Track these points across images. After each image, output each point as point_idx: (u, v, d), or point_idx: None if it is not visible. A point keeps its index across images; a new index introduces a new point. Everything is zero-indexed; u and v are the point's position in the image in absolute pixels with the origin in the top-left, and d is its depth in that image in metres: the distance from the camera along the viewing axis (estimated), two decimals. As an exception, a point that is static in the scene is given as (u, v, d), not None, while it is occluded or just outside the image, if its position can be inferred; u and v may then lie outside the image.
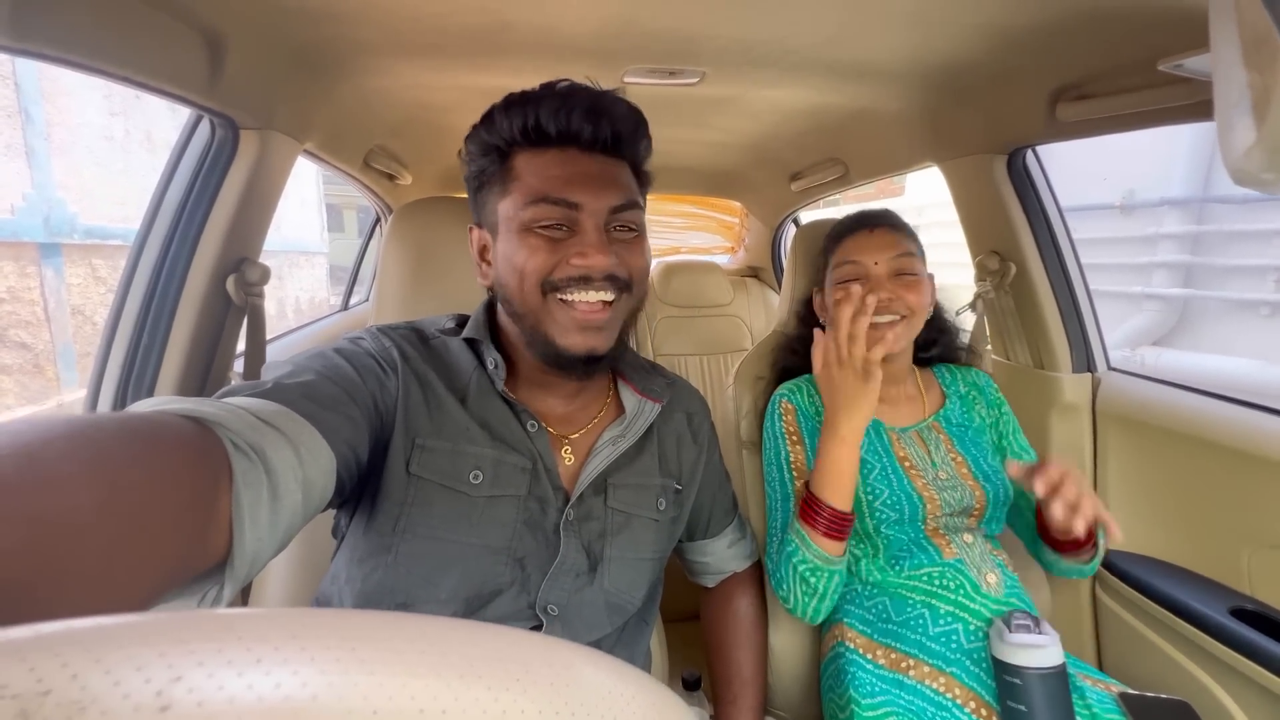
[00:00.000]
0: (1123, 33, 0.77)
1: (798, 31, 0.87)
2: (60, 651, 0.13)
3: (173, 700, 0.13)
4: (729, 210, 2.68)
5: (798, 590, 0.79)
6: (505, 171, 0.61)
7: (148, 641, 0.14)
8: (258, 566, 0.39)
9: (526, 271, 0.58)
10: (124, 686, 0.13)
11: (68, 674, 0.13)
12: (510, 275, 0.60)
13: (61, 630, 0.14)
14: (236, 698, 0.14)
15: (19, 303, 4.08)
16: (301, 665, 0.15)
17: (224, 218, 0.90)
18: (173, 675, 0.14)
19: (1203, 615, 0.86)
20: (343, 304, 2.06)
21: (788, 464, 0.90)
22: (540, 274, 0.58)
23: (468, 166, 0.65)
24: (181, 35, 0.73)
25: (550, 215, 0.58)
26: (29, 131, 4.03)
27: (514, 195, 0.59)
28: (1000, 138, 1.08)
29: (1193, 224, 4.10)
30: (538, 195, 0.58)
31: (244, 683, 0.14)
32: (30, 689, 0.13)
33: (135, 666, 0.13)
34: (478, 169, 0.63)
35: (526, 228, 0.59)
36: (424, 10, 0.81)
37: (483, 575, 0.59)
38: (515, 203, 0.59)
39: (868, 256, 0.86)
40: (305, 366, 0.53)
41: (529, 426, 0.64)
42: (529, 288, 0.59)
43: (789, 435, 0.91)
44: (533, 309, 0.60)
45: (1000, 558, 0.85)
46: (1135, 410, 1.06)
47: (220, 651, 0.14)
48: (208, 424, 0.37)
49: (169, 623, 0.15)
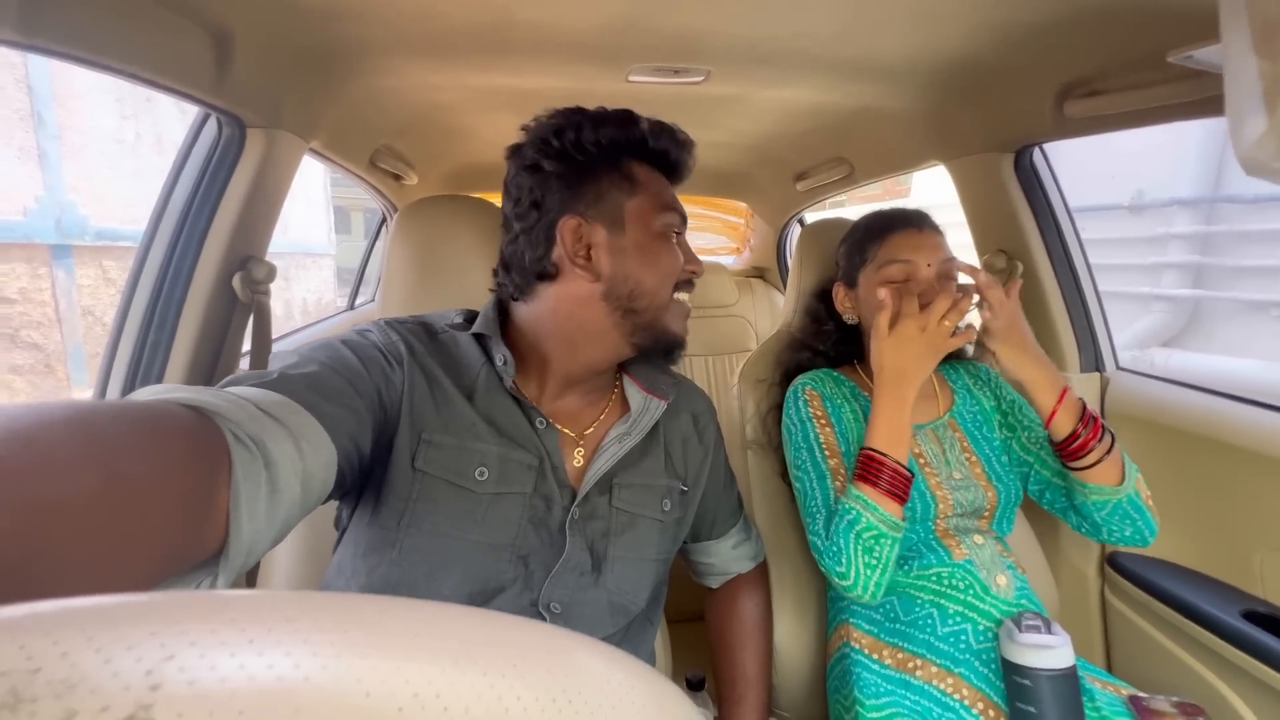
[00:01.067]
0: (1131, 26, 0.76)
1: (803, 30, 0.86)
2: (51, 630, 0.13)
3: (164, 679, 0.13)
4: (734, 211, 2.67)
5: (859, 562, 0.75)
6: (623, 174, 0.65)
7: (140, 621, 0.14)
8: (254, 558, 0.39)
9: (671, 268, 0.66)
10: (114, 665, 0.13)
11: (58, 651, 0.13)
12: (647, 270, 0.65)
13: (54, 609, 0.14)
14: (229, 677, 0.14)
15: (31, 304, 4.13)
16: (294, 646, 0.15)
17: (230, 216, 0.91)
18: (164, 654, 0.13)
19: (1214, 618, 0.85)
20: (348, 304, 2.07)
21: (819, 444, 0.87)
22: (679, 273, 0.67)
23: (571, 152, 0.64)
24: (190, 33, 0.73)
25: (677, 225, 0.68)
26: (41, 135, 4.08)
27: (643, 198, 0.65)
28: (1007, 136, 1.07)
29: (1202, 224, 4.06)
30: (669, 203, 0.67)
31: (236, 663, 0.14)
32: (20, 666, 0.12)
33: (126, 645, 0.13)
34: (585, 160, 0.64)
35: (664, 231, 0.66)
36: (431, 9, 0.81)
37: (486, 572, 0.59)
38: (649, 205, 0.65)
39: (921, 257, 0.85)
40: (310, 357, 0.53)
41: (538, 424, 0.64)
42: (667, 284, 0.66)
43: (816, 419, 0.89)
44: (662, 303, 0.66)
45: (1010, 559, 0.84)
46: (1145, 410, 1.05)
47: (213, 632, 0.14)
48: (208, 413, 0.37)
49: (162, 602, 0.15)
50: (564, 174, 0.64)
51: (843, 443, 0.88)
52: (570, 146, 0.63)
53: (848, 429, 0.89)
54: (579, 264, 0.63)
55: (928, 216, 0.90)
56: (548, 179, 0.64)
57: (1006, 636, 0.71)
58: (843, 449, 0.87)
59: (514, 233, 0.66)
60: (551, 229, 0.64)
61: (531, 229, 0.64)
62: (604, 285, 0.63)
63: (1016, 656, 0.69)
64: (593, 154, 0.64)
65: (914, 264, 0.85)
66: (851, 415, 0.90)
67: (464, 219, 0.93)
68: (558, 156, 0.63)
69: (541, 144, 0.64)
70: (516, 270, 0.66)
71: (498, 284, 0.69)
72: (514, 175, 0.66)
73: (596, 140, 0.64)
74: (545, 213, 0.64)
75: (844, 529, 0.76)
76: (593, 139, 0.64)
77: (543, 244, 0.64)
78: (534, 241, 0.64)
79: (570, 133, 0.63)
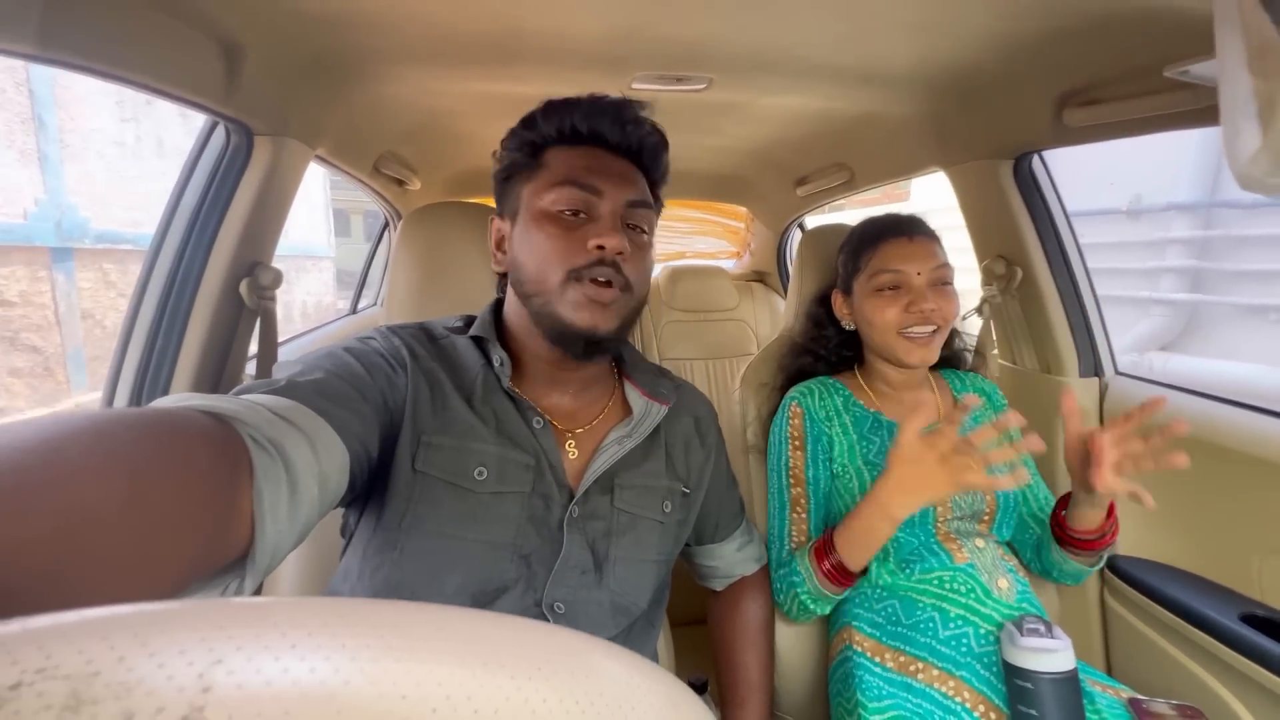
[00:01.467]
0: (1129, 39, 0.77)
1: (804, 37, 0.87)
2: (107, 634, 0.14)
3: (214, 682, 0.14)
4: (734, 215, 2.68)
5: (794, 606, 0.85)
6: (536, 164, 0.65)
7: (190, 626, 0.15)
8: (277, 559, 0.40)
9: (548, 251, 0.61)
10: (168, 668, 0.14)
11: (114, 655, 0.14)
12: (528, 257, 0.62)
13: (107, 615, 0.15)
14: (273, 680, 0.14)
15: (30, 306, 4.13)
16: (334, 651, 0.15)
17: (238, 222, 0.92)
18: (213, 658, 0.14)
19: (1213, 621, 0.85)
20: (351, 308, 2.07)
21: (787, 469, 0.91)
22: (562, 258, 0.60)
23: (499, 163, 0.68)
24: (200, 44, 0.74)
25: (572, 200, 0.61)
26: (42, 138, 4.08)
27: (539, 180, 0.64)
28: (1007, 142, 1.08)
29: (1200, 229, 4.07)
30: (563, 179, 0.62)
31: (280, 666, 0.15)
32: (80, 669, 0.13)
33: (178, 650, 0.14)
34: (509, 163, 0.67)
35: (547, 213, 0.62)
36: (436, 17, 0.82)
37: (488, 572, 0.60)
38: (539, 186, 0.63)
39: (911, 266, 0.86)
40: (316, 365, 0.54)
41: (534, 423, 0.64)
42: (549, 267, 0.61)
43: (792, 439, 0.91)
44: (550, 289, 0.61)
45: (1011, 563, 0.85)
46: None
47: (258, 637, 0.15)
48: (227, 420, 0.38)
49: (209, 609, 0.15)
50: (498, 174, 0.68)
51: (809, 468, 0.90)
52: (513, 145, 0.67)
53: (835, 442, 0.90)
54: (496, 258, 0.69)
55: (921, 223, 0.90)
56: (497, 179, 0.69)
57: (1008, 640, 0.71)
58: (811, 474, 0.90)
59: None
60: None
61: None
62: (511, 275, 0.67)
63: (1018, 660, 0.69)
64: (517, 156, 0.66)
65: (904, 273, 0.86)
66: (841, 428, 0.91)
67: (468, 226, 0.94)
68: (500, 158, 0.68)
69: (501, 147, 0.68)
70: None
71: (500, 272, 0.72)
72: None
73: (523, 140, 0.66)
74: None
75: (786, 579, 0.84)
76: (524, 136, 0.66)
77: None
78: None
79: (510, 139, 0.67)
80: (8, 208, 3.90)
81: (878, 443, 0.88)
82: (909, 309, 0.85)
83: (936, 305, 0.84)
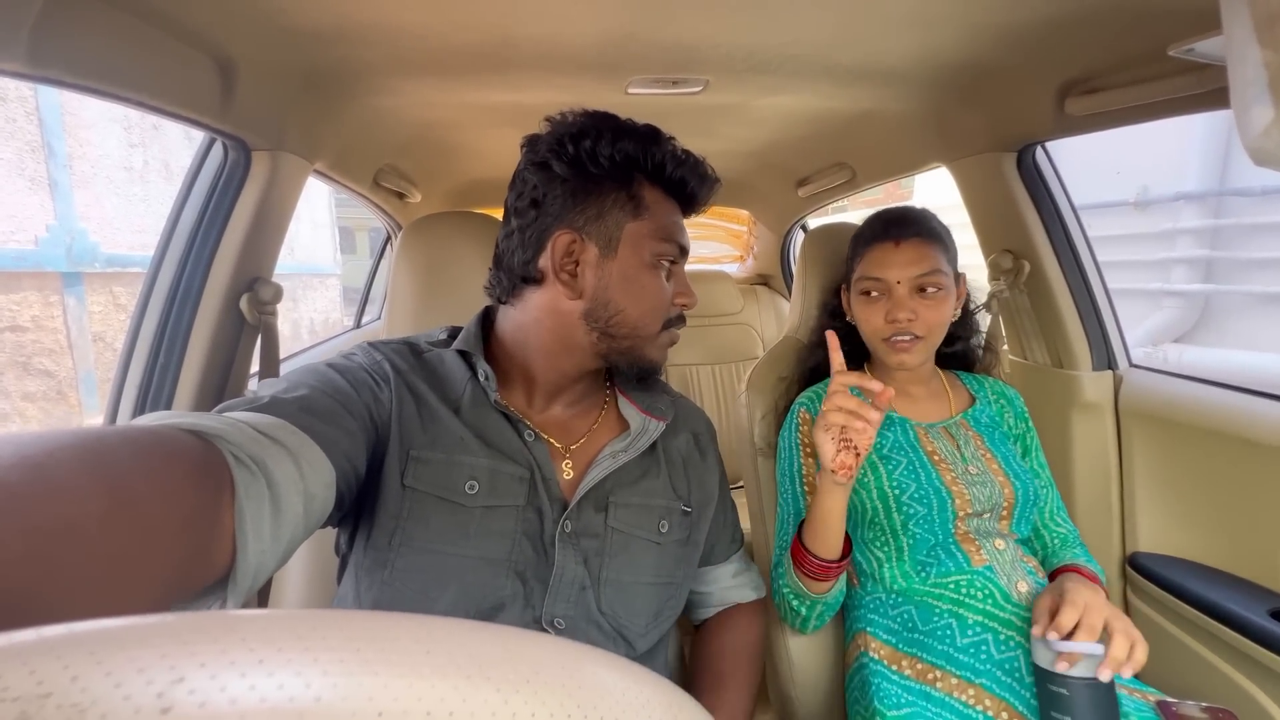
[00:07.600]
0: (1130, 21, 0.76)
1: (799, 36, 0.87)
2: (61, 654, 0.13)
3: (174, 701, 0.13)
4: (736, 219, 2.68)
5: (785, 609, 0.85)
6: (631, 194, 0.63)
7: (149, 643, 0.14)
8: (260, 579, 0.39)
9: (658, 303, 0.65)
10: (125, 688, 0.13)
11: (68, 676, 0.13)
12: (631, 301, 0.63)
13: (63, 633, 0.14)
14: (239, 699, 0.13)
15: (42, 331, 4.18)
16: (305, 666, 0.14)
17: (237, 238, 0.92)
18: (174, 676, 0.13)
19: (1241, 618, 0.83)
20: (355, 322, 2.08)
21: (800, 476, 0.89)
22: (664, 309, 0.66)
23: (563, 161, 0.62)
24: (194, 61, 0.75)
25: (672, 256, 0.66)
26: (52, 165, 4.15)
27: (646, 222, 0.63)
28: (1009, 135, 1.07)
29: (1211, 218, 4.02)
30: (669, 234, 0.65)
31: (246, 683, 0.14)
32: (30, 691, 0.12)
33: (137, 668, 0.13)
34: (596, 172, 0.62)
35: (657, 259, 0.64)
36: (429, 29, 0.82)
37: (482, 588, 0.58)
38: (649, 230, 0.64)
39: (891, 274, 0.84)
40: (300, 382, 0.53)
41: (526, 436, 0.63)
42: (654, 317, 0.65)
43: (803, 446, 0.90)
44: (648, 335, 0.65)
45: (1031, 564, 0.83)
46: (1160, 407, 1.04)
47: (223, 653, 0.14)
48: (209, 438, 0.37)
49: (171, 624, 0.15)
50: (570, 181, 0.62)
51: None
52: (585, 154, 0.61)
53: None
54: (563, 278, 0.62)
55: (916, 223, 0.87)
56: (553, 181, 0.62)
57: (1042, 645, 0.68)
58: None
59: (511, 228, 0.65)
60: (545, 235, 0.62)
61: (527, 228, 0.63)
62: (585, 304, 0.63)
63: (1054, 664, 0.67)
64: (605, 168, 0.62)
65: (884, 281, 0.85)
66: None
67: (467, 235, 0.93)
68: (570, 161, 0.61)
69: (556, 143, 0.62)
70: (505, 269, 0.66)
71: (489, 283, 0.69)
72: (523, 167, 0.65)
73: (613, 155, 0.61)
74: (543, 215, 0.63)
75: (775, 580, 0.85)
76: (609, 152, 0.61)
77: (533, 247, 0.63)
78: (526, 242, 0.63)
79: (588, 141, 0.61)
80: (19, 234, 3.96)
81: (890, 438, 0.87)
82: (888, 317, 0.84)
83: (915, 314, 0.83)
